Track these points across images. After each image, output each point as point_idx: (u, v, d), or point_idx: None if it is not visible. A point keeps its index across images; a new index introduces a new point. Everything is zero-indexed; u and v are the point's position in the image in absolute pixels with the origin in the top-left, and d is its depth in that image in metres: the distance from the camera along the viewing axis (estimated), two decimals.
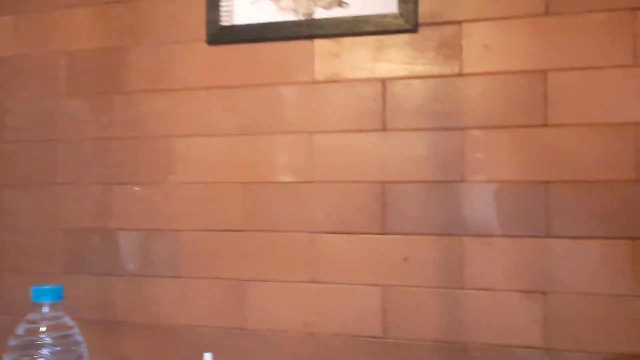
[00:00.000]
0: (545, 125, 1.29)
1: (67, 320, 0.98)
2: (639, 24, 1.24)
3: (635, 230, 1.23)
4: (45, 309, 0.96)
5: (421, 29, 1.36)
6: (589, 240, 1.26)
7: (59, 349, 0.94)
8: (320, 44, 1.43)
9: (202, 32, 1.51)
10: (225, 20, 1.49)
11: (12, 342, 0.94)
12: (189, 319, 1.52)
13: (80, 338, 0.98)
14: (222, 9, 1.49)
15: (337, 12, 1.41)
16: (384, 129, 1.38)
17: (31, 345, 0.92)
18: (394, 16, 1.37)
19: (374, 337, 1.39)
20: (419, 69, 1.37)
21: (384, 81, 1.39)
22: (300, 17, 1.44)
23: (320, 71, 1.43)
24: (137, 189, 1.56)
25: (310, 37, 1.44)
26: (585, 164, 1.26)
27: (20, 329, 0.95)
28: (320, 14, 1.42)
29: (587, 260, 1.26)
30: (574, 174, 1.27)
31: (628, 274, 1.24)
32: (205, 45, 1.51)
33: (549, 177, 1.28)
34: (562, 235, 1.27)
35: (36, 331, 0.94)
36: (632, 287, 1.23)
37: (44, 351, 0.93)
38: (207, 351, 1.28)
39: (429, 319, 1.35)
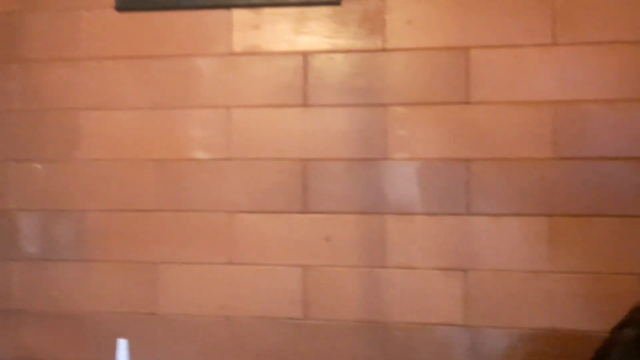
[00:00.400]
0: (467, 102, 1.28)
1: None
2: (559, 3, 1.25)
3: (552, 207, 1.26)
4: None
5: (344, 2, 1.32)
6: (508, 217, 1.27)
7: None
8: (239, 14, 1.36)
9: None
10: None
11: None
12: (95, 305, 1.42)
13: None
14: None
15: None
16: (305, 104, 1.34)
17: None
18: None
19: (294, 319, 1.35)
20: (342, 43, 1.33)
21: (305, 55, 1.34)
22: None
23: (239, 43, 1.36)
24: (38, 166, 1.44)
25: (228, 6, 1.36)
26: (505, 142, 1.27)
27: None
28: None
29: (506, 237, 1.27)
30: (494, 152, 1.28)
31: (545, 250, 1.26)
32: (114, 11, 1.41)
33: (470, 154, 1.28)
34: (482, 213, 1.28)
35: None
36: (549, 263, 1.26)
37: None
38: (116, 339, 1.20)
39: (350, 299, 1.33)
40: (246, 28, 1.36)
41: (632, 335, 0.68)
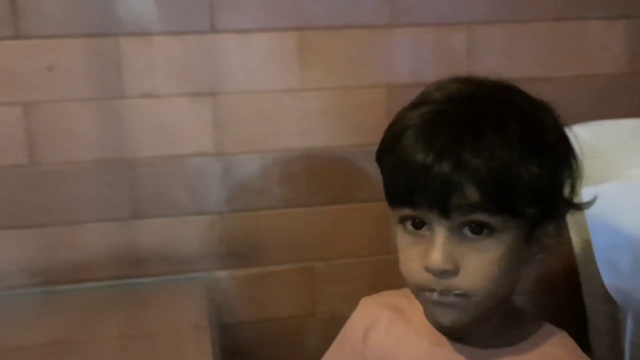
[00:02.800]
0: None
1: None
2: None
3: (301, 20, 1.17)
4: None
5: None
6: (257, 33, 1.17)
7: None
8: None
9: None
10: None
11: None
12: None
13: None
14: None
15: None
16: None
17: None
18: None
19: (18, 167, 1.14)
20: None
21: None
22: None
23: None
24: None
25: None
26: None
27: None
28: None
29: (255, 55, 1.18)
30: None
31: (296, 67, 1.19)
32: None
33: None
34: (229, 30, 1.16)
35: None
36: (300, 80, 1.19)
37: None
38: None
39: (86, 137, 1.15)
40: None
41: (424, 113, 0.62)
